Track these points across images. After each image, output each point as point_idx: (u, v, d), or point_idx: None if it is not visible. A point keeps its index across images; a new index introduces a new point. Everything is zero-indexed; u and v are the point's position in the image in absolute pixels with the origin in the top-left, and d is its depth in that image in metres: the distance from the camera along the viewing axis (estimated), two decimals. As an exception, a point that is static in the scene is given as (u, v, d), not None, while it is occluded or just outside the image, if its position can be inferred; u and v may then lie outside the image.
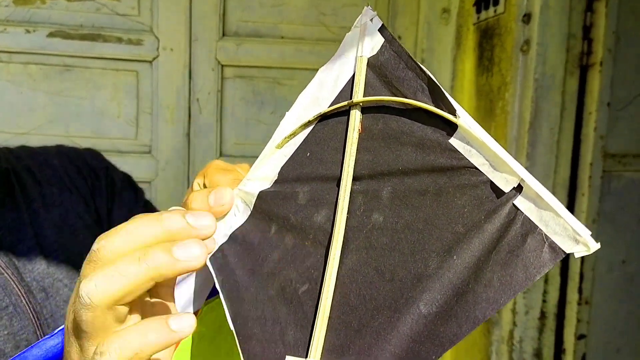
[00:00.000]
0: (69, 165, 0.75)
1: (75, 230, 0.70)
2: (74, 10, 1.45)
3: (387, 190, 0.35)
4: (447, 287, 0.32)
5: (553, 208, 0.30)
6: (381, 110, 0.36)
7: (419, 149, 0.34)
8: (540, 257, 0.30)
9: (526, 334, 1.23)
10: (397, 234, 0.35)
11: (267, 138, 1.33)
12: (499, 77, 1.26)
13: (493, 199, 0.32)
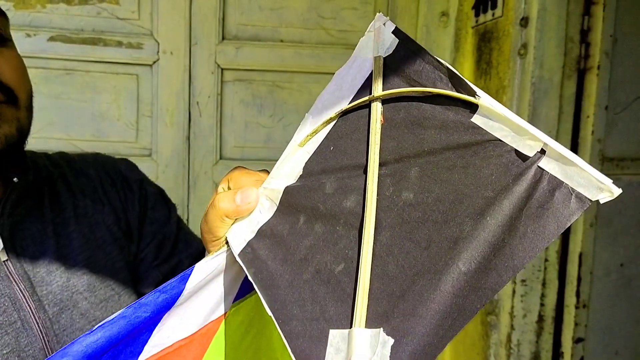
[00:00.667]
0: (104, 176, 0.75)
1: (103, 243, 0.70)
2: (75, 14, 1.45)
3: (414, 170, 0.38)
4: (483, 244, 0.35)
5: (576, 164, 0.32)
6: (402, 101, 0.39)
7: (442, 130, 0.37)
8: (569, 207, 0.33)
9: (524, 337, 1.23)
10: (428, 206, 0.37)
11: (267, 140, 1.34)
12: (496, 80, 1.26)
13: (519, 164, 0.34)
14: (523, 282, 1.20)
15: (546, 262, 1.20)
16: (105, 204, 0.73)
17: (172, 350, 0.49)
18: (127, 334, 0.47)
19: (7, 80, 0.60)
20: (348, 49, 1.55)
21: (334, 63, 1.55)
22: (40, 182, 0.69)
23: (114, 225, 0.72)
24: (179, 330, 0.49)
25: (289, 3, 1.53)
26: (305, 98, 1.57)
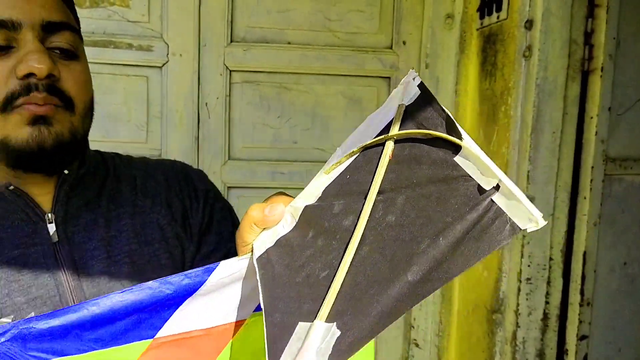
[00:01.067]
0: (172, 181, 0.84)
1: (152, 240, 0.79)
2: (86, 17, 1.48)
3: (401, 198, 0.46)
4: (430, 260, 0.42)
5: (518, 198, 0.39)
6: (409, 141, 0.47)
7: (431, 166, 0.45)
8: (502, 233, 0.40)
9: (529, 334, 1.25)
10: (402, 228, 0.45)
11: (274, 141, 1.36)
12: (501, 82, 1.28)
13: (477, 196, 0.42)
14: (528, 281, 1.22)
15: (551, 260, 1.22)
16: (164, 206, 0.82)
17: (188, 337, 0.55)
18: (151, 305, 0.53)
19: (67, 89, 0.70)
20: (354, 51, 1.58)
21: (340, 64, 1.58)
22: (100, 178, 0.79)
23: (167, 226, 0.80)
24: (198, 319, 0.55)
25: (296, 6, 1.55)
26: (311, 99, 1.60)
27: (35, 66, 0.66)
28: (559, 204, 1.20)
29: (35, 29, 0.69)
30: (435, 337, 1.61)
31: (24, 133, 0.67)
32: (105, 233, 0.75)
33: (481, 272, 1.38)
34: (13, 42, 0.68)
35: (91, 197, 0.77)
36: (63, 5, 0.74)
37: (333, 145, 1.61)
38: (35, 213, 0.72)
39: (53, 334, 0.52)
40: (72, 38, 0.73)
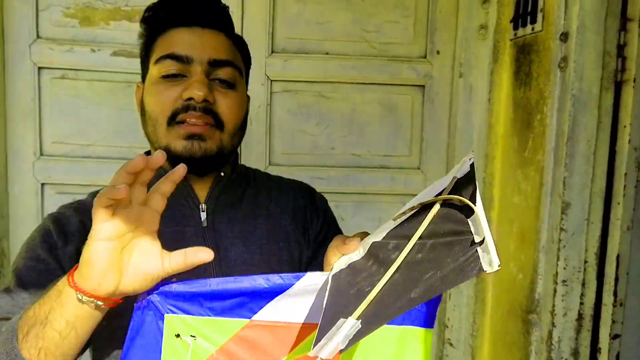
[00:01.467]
0: (299, 199, 1.07)
1: (279, 238, 0.99)
2: (136, 30, 1.54)
3: (430, 242, 0.62)
4: (427, 285, 0.58)
5: (490, 251, 0.55)
6: (448, 205, 0.63)
7: (455, 223, 0.61)
8: (473, 271, 0.56)
9: (564, 334, 1.30)
10: (422, 263, 0.61)
11: (312, 148, 1.46)
12: (537, 91, 1.33)
13: (468, 247, 0.58)
14: (564, 283, 1.27)
15: (586, 263, 1.27)
16: (290, 216, 1.02)
17: (274, 325, 0.72)
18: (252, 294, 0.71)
19: (220, 112, 0.90)
20: (389, 60, 1.64)
21: (375, 73, 1.64)
22: (245, 187, 1.02)
23: (291, 232, 1.00)
24: (284, 314, 0.71)
25: (334, 17, 1.62)
26: (348, 107, 1.66)
27: (195, 92, 0.87)
28: (593, 209, 1.25)
29: (203, 64, 0.90)
30: (469, 337, 1.66)
31: (180, 145, 0.87)
32: (244, 228, 0.95)
33: (516, 274, 1.44)
34: (185, 72, 0.90)
35: (235, 198, 0.98)
36: (232, 47, 0.96)
37: (369, 151, 1.67)
38: (193, 202, 0.93)
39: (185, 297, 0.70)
40: (233, 73, 0.93)
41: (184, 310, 0.71)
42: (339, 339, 0.60)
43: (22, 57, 1.52)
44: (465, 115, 1.61)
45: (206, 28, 0.93)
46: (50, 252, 0.86)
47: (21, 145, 1.55)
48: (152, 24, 0.98)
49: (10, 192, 1.56)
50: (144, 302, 0.70)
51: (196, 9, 0.94)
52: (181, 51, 0.90)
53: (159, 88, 0.90)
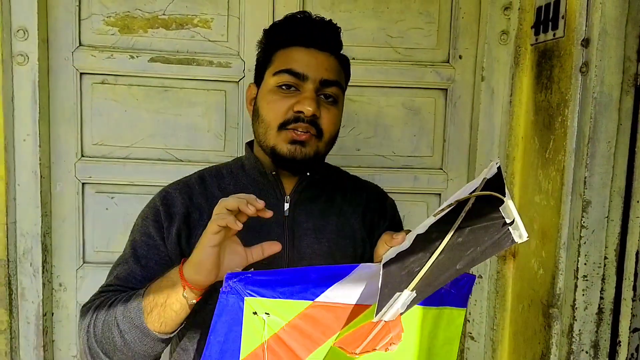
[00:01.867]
0: (371, 200, 1.22)
1: (346, 236, 1.14)
2: (172, 37, 1.63)
3: (468, 228, 0.77)
4: (470, 258, 0.77)
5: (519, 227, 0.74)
6: (480, 200, 0.77)
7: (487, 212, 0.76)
8: (507, 243, 0.76)
9: (585, 327, 1.36)
10: (463, 244, 0.77)
11: (339, 149, 1.54)
12: (558, 95, 1.39)
13: (501, 227, 0.75)
14: (584, 278, 1.33)
15: (605, 259, 1.33)
16: (360, 216, 1.17)
17: (333, 306, 0.88)
18: (316, 280, 0.88)
19: (322, 125, 1.06)
20: (413, 65, 1.70)
21: (400, 77, 1.70)
22: (325, 186, 1.17)
23: (358, 230, 1.16)
24: (342, 296, 0.88)
25: (361, 24, 1.68)
26: (374, 109, 1.72)
27: (307, 108, 1.02)
28: (613, 207, 1.31)
29: (315, 82, 1.05)
30: (490, 331, 1.72)
31: (285, 148, 1.04)
32: (317, 221, 1.12)
33: (537, 270, 1.49)
34: (299, 87, 1.05)
35: (315, 195, 1.14)
36: (339, 68, 1.12)
37: (394, 152, 1.74)
38: (280, 193, 1.10)
39: (260, 283, 0.86)
40: (337, 91, 1.09)
41: (260, 294, 0.87)
42: (398, 305, 0.77)
43: (66, 63, 1.60)
44: (487, 117, 1.67)
45: (321, 50, 1.08)
46: (158, 230, 1.06)
47: (64, 147, 1.63)
48: (275, 38, 1.12)
49: (53, 191, 1.64)
50: (227, 288, 0.86)
51: (317, 33, 1.09)
52: (298, 68, 1.05)
53: (274, 97, 1.06)
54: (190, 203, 1.09)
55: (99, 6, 1.60)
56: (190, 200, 1.09)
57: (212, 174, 1.16)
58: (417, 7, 1.69)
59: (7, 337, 1.57)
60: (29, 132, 1.55)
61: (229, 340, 0.87)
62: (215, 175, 1.15)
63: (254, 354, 0.88)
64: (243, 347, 0.87)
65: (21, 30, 1.52)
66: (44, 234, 1.61)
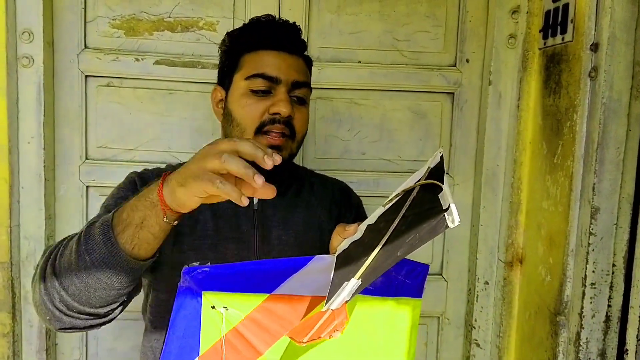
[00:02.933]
0: (337, 194, 1.29)
1: (312, 228, 1.18)
2: (177, 40, 1.63)
3: (411, 217, 0.77)
4: (409, 245, 0.73)
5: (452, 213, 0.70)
6: (424, 189, 0.79)
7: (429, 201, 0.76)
8: (441, 228, 0.71)
9: (592, 335, 1.34)
10: (405, 232, 0.75)
11: (344, 153, 1.55)
12: (566, 100, 1.37)
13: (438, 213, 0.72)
14: (592, 285, 1.31)
15: (614, 267, 1.31)
16: (326, 209, 1.24)
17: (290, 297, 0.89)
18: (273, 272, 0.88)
19: (295, 125, 1.10)
20: (420, 69, 1.69)
21: (406, 81, 1.69)
22: (291, 181, 1.21)
23: (325, 222, 1.21)
24: (298, 288, 0.89)
25: (367, 27, 1.67)
26: (379, 113, 1.71)
27: (283, 109, 1.06)
28: (622, 214, 1.29)
29: (287, 84, 1.09)
30: (496, 338, 1.70)
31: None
32: (285, 214, 1.16)
33: (544, 277, 1.48)
34: (272, 90, 1.09)
35: (283, 189, 1.15)
36: (306, 69, 1.17)
37: (399, 156, 1.73)
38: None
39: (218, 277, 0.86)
40: (306, 92, 1.15)
41: (218, 288, 0.87)
42: (344, 294, 0.77)
43: (71, 65, 1.60)
44: (494, 121, 1.66)
45: (290, 53, 1.12)
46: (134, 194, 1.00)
47: (68, 149, 1.63)
48: (242, 42, 1.14)
49: (57, 194, 1.64)
50: (185, 282, 0.86)
51: (284, 36, 1.13)
52: (271, 72, 1.08)
53: (249, 101, 1.09)
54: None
55: (105, 9, 1.60)
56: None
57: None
58: (424, 10, 1.68)
59: (9, 340, 1.57)
60: (34, 135, 1.55)
61: (188, 335, 0.87)
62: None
63: (213, 348, 0.88)
64: (202, 341, 0.87)
65: (26, 33, 1.51)
66: (47, 237, 1.60)
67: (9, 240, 1.55)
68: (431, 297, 1.78)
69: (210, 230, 1.10)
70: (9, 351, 1.57)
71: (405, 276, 0.97)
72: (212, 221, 1.11)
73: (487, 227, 1.70)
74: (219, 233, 1.10)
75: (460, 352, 1.82)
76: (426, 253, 1.78)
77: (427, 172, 0.81)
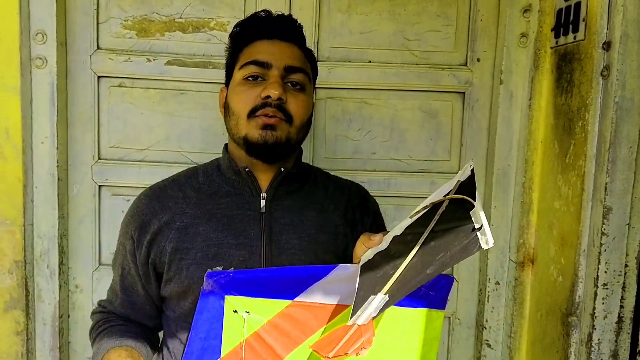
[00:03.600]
0: (353, 198, 1.24)
1: (327, 231, 1.15)
2: (188, 41, 1.64)
3: (440, 231, 0.78)
4: (440, 263, 0.76)
5: (486, 233, 0.74)
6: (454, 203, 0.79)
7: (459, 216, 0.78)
8: (474, 249, 0.76)
9: (604, 336, 1.33)
10: (435, 248, 0.78)
11: (354, 152, 1.55)
12: (578, 99, 1.36)
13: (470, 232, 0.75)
14: (604, 286, 1.30)
15: (626, 267, 1.30)
16: (341, 212, 1.19)
17: (312, 305, 0.90)
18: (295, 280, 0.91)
19: (290, 109, 1.08)
20: (430, 68, 1.68)
21: (417, 80, 1.69)
22: (303, 182, 1.19)
23: (340, 226, 1.17)
24: (320, 296, 0.90)
25: (377, 27, 1.67)
26: (390, 113, 1.71)
27: (272, 92, 1.05)
28: (634, 214, 1.28)
29: (279, 69, 1.08)
30: (507, 338, 1.70)
31: (257, 133, 1.05)
32: (297, 217, 1.13)
33: (556, 277, 1.47)
34: (265, 76, 1.09)
35: (293, 190, 1.16)
36: (304, 58, 1.15)
37: (410, 156, 1.72)
38: (256, 190, 1.12)
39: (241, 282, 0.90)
40: (303, 78, 1.12)
41: (240, 292, 0.90)
42: (371, 309, 0.77)
43: (83, 66, 1.61)
44: (505, 121, 1.65)
45: (284, 41, 1.12)
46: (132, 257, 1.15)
47: (81, 149, 1.65)
48: (240, 38, 1.16)
49: (70, 193, 1.66)
50: (208, 286, 0.89)
51: (277, 25, 1.13)
52: (262, 58, 1.09)
53: (242, 88, 1.09)
54: (160, 208, 1.13)
55: (117, 10, 1.62)
56: (160, 205, 1.14)
57: (188, 174, 1.20)
58: (434, 10, 1.67)
59: (23, 338, 1.59)
60: (47, 135, 1.57)
61: (210, 337, 0.89)
62: (190, 175, 1.20)
63: (234, 351, 0.90)
64: (224, 344, 0.90)
65: (40, 34, 1.53)
66: (60, 236, 1.62)
67: (22, 239, 1.57)
68: (442, 297, 1.78)
69: (212, 239, 1.09)
70: (23, 349, 1.59)
71: (430, 288, 0.96)
72: (215, 231, 1.09)
73: (498, 227, 1.69)
74: (223, 241, 1.08)
75: (471, 352, 1.81)
76: (437, 253, 1.77)
77: (456, 185, 0.79)
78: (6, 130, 1.53)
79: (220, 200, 1.12)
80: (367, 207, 1.25)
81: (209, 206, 1.12)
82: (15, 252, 1.57)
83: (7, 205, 1.55)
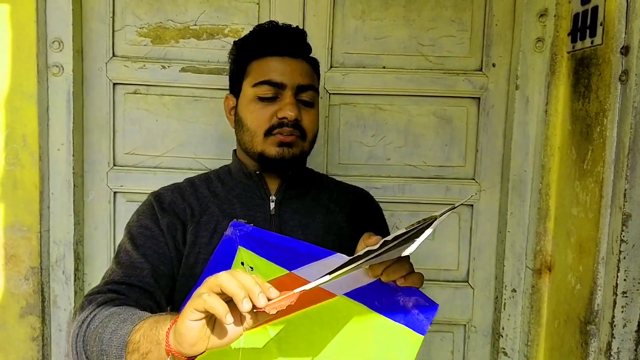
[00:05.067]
0: (357, 201, 1.30)
1: (332, 232, 1.20)
2: (203, 48, 1.64)
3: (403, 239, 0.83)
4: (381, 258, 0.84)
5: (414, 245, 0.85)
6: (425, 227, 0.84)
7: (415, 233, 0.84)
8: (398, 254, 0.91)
9: (623, 345, 1.30)
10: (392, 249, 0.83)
11: (368, 158, 1.54)
12: (596, 104, 1.34)
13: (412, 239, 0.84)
14: (624, 294, 1.27)
15: (646, 275, 1.28)
16: (346, 214, 1.25)
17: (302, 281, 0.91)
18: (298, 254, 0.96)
19: (304, 127, 1.15)
20: (445, 73, 1.67)
21: (431, 86, 1.68)
22: (310, 186, 1.24)
23: (345, 228, 1.23)
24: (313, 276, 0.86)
25: (391, 33, 1.67)
26: (404, 118, 1.70)
27: (289, 113, 1.10)
28: (655, 221, 1.26)
29: (293, 89, 1.13)
30: (524, 346, 1.67)
31: (274, 150, 1.12)
32: (304, 219, 1.19)
33: (574, 285, 1.44)
34: (279, 95, 1.13)
35: (300, 193, 1.22)
36: (312, 72, 1.20)
37: (424, 162, 1.71)
38: (265, 193, 1.18)
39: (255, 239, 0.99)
40: (313, 94, 1.18)
41: (252, 249, 0.98)
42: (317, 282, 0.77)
43: (99, 73, 1.63)
44: (521, 126, 1.63)
45: (294, 58, 1.16)
46: (155, 222, 1.12)
47: (96, 156, 1.66)
48: (248, 50, 1.18)
49: (86, 200, 1.67)
50: (229, 233, 0.98)
51: (289, 42, 1.16)
52: (277, 78, 1.13)
53: (257, 107, 1.14)
54: (182, 200, 1.16)
55: (133, 17, 1.63)
56: (182, 198, 1.17)
57: (201, 178, 1.24)
58: (449, 15, 1.66)
59: (39, 344, 1.60)
60: (63, 142, 1.58)
61: None
62: (204, 179, 1.23)
63: None
64: None
65: (56, 42, 1.55)
66: (76, 242, 1.63)
67: (39, 245, 1.58)
68: (458, 305, 1.76)
69: None
70: (39, 355, 1.60)
71: (416, 306, 0.95)
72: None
73: (514, 234, 1.67)
74: None
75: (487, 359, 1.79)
76: (452, 260, 1.76)
77: (449, 209, 0.85)
78: (23, 138, 1.54)
79: (233, 201, 1.17)
80: (371, 209, 1.31)
81: (225, 206, 1.16)
82: (31, 259, 1.58)
83: (23, 211, 1.57)
